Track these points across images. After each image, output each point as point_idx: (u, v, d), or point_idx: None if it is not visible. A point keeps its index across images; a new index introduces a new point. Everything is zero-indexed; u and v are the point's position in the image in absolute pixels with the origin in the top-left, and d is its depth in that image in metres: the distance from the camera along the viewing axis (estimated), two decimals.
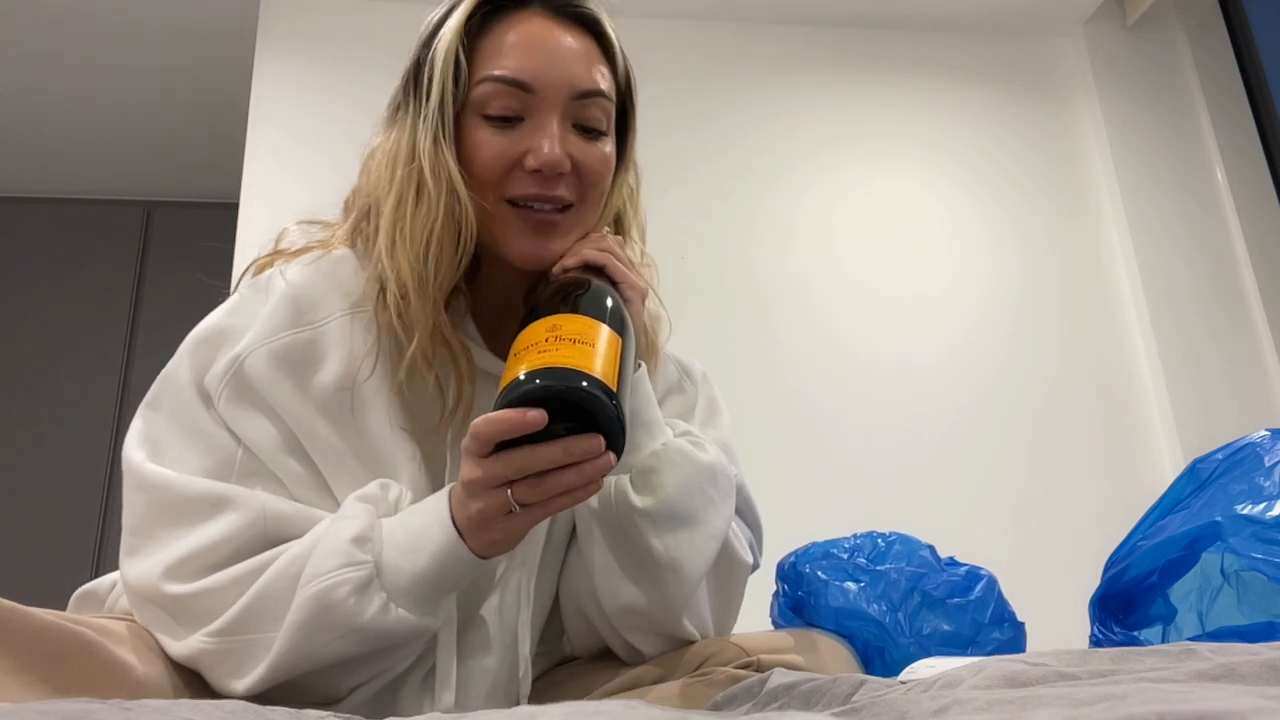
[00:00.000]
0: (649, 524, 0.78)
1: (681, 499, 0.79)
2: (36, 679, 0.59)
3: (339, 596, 0.68)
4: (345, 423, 0.78)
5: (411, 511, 0.74)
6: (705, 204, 2.53)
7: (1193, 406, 2.43)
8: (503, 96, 0.80)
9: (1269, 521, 0.82)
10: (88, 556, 2.96)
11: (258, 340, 0.78)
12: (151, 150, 3.35)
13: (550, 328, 0.68)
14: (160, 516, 0.74)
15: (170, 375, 0.81)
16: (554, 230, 0.81)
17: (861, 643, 1.07)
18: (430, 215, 0.78)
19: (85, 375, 3.22)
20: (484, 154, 0.80)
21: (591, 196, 0.84)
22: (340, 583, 0.68)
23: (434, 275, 0.78)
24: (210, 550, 0.72)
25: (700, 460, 0.81)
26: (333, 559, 0.69)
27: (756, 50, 2.77)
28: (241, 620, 0.70)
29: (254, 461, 0.77)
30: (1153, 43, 2.80)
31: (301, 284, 0.82)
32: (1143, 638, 0.91)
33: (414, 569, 0.70)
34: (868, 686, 0.57)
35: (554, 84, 0.80)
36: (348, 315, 0.81)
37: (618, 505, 0.79)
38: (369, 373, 0.79)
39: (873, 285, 2.57)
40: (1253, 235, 2.57)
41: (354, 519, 0.72)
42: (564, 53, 0.81)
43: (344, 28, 2.61)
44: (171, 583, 0.71)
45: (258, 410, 0.77)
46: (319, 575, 0.69)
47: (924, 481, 2.36)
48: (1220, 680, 0.42)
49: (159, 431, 0.78)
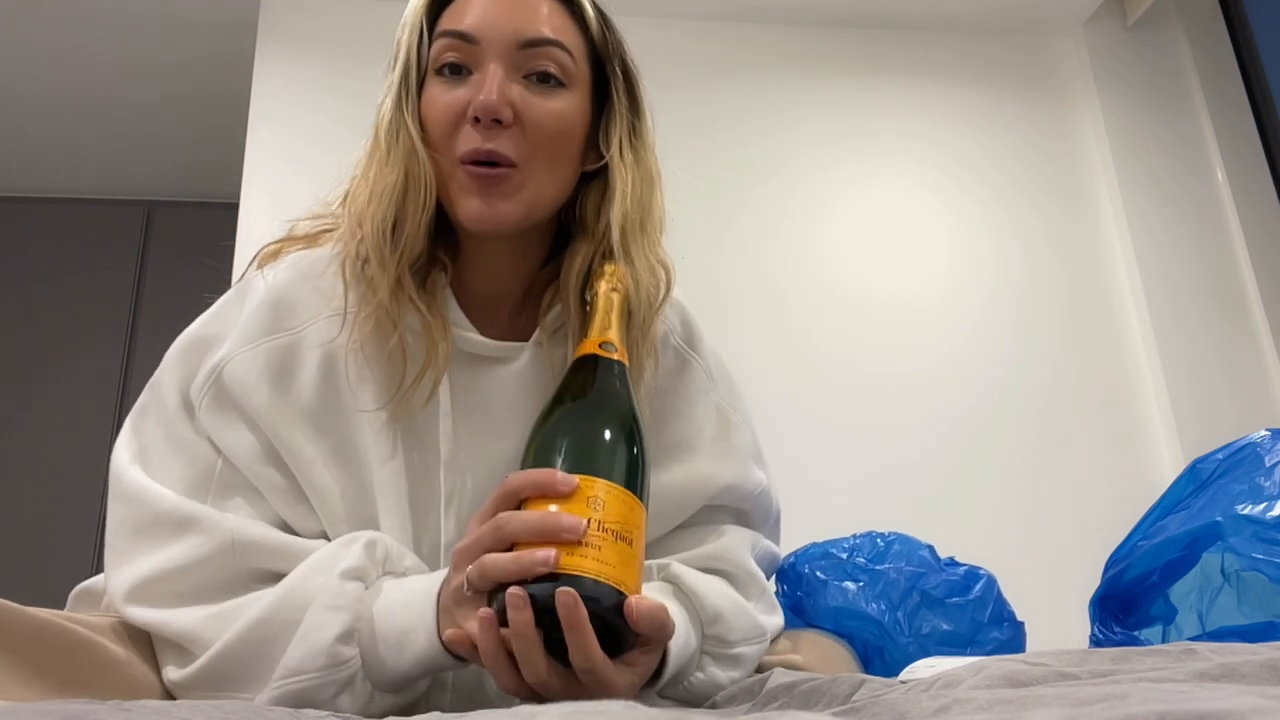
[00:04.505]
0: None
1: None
2: (33, 676, 0.59)
3: (322, 698, 0.66)
4: (324, 426, 0.77)
5: (399, 605, 0.69)
6: (706, 205, 2.53)
7: (1193, 406, 2.43)
8: (450, 50, 0.80)
9: (1269, 521, 0.82)
10: (88, 556, 2.96)
11: (236, 348, 0.78)
12: (152, 150, 3.35)
13: (593, 501, 0.62)
14: (131, 531, 0.74)
15: (156, 384, 0.81)
16: (497, 188, 0.78)
17: (861, 642, 1.07)
18: (392, 176, 0.77)
19: (85, 375, 3.22)
20: (434, 109, 0.79)
21: (540, 154, 0.79)
22: (324, 684, 0.66)
23: (394, 232, 0.77)
24: (176, 575, 0.71)
25: (720, 681, 0.77)
26: (316, 659, 0.65)
27: (755, 50, 2.77)
28: (212, 673, 0.68)
29: (233, 473, 0.76)
30: (1153, 43, 2.80)
31: (281, 287, 0.81)
32: (1143, 638, 0.91)
33: (398, 669, 0.67)
34: (867, 686, 0.57)
35: (497, 32, 0.79)
36: (327, 319, 0.80)
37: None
38: (336, 332, 0.78)
39: (871, 285, 2.57)
40: (1253, 235, 2.57)
41: (339, 610, 0.67)
42: (513, 5, 0.80)
43: (345, 24, 2.61)
44: (135, 606, 0.71)
45: (236, 419, 0.77)
46: (300, 673, 0.65)
47: (924, 481, 2.36)
48: (1220, 680, 0.42)
49: (145, 439, 0.78)
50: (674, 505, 0.85)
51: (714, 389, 0.92)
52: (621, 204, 0.82)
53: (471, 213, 0.78)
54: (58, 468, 3.09)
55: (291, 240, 0.88)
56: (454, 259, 0.84)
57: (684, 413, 0.88)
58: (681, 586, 0.77)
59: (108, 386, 3.21)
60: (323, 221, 0.90)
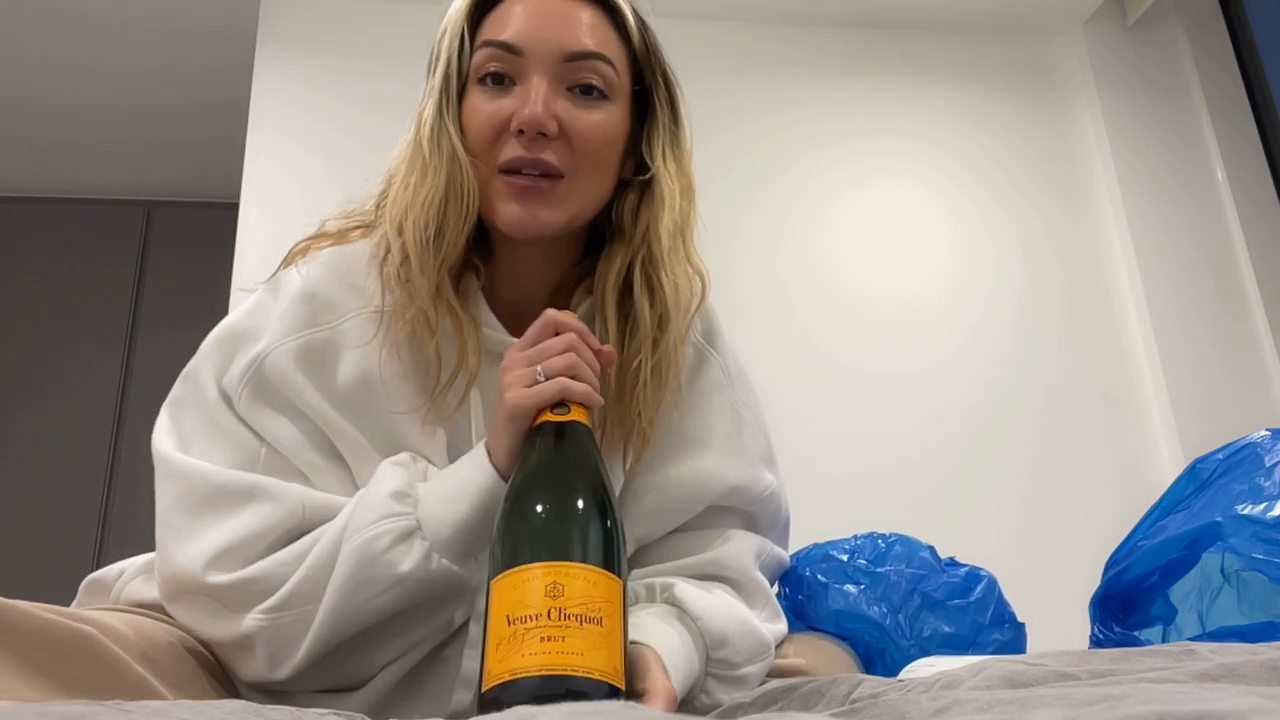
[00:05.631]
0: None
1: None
2: (36, 675, 0.59)
3: (381, 547, 0.69)
4: (367, 417, 0.79)
5: (448, 469, 0.75)
6: (706, 205, 2.52)
7: (1193, 406, 2.43)
8: (494, 60, 0.80)
9: (1269, 521, 0.82)
10: (88, 556, 2.96)
11: (276, 340, 0.79)
12: (152, 150, 3.35)
13: (552, 588, 0.59)
14: (194, 504, 0.75)
15: (192, 374, 0.82)
16: (540, 198, 0.79)
17: (862, 645, 1.07)
18: (434, 182, 0.78)
19: (85, 375, 3.22)
20: (476, 119, 0.80)
21: (585, 166, 0.80)
22: (382, 533, 0.70)
23: (435, 238, 0.78)
24: (252, 541, 0.73)
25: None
26: (373, 512, 0.71)
27: (755, 50, 2.77)
28: (294, 595, 0.71)
29: (278, 458, 0.78)
30: (1153, 43, 2.79)
31: (317, 282, 0.83)
32: (1143, 638, 0.91)
33: (455, 516, 0.71)
34: (866, 686, 0.57)
35: (542, 45, 0.79)
36: (364, 318, 0.81)
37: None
38: (373, 332, 0.80)
39: (872, 285, 2.57)
40: (1253, 235, 2.57)
41: (391, 477, 0.73)
42: (557, 17, 0.81)
43: (345, 27, 2.61)
44: (216, 573, 0.72)
45: (279, 409, 0.79)
46: (361, 528, 0.70)
47: (924, 482, 2.36)
48: (1220, 680, 0.42)
49: (184, 427, 0.80)
50: (680, 501, 0.85)
51: (730, 386, 0.93)
52: (670, 213, 0.84)
53: (512, 219, 0.79)
54: (58, 467, 3.09)
55: (321, 237, 0.89)
56: (486, 262, 0.85)
57: (699, 406, 0.89)
58: (686, 610, 0.76)
59: (108, 386, 3.20)
60: (353, 219, 0.90)
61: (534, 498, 0.64)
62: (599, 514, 0.64)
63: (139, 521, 0.83)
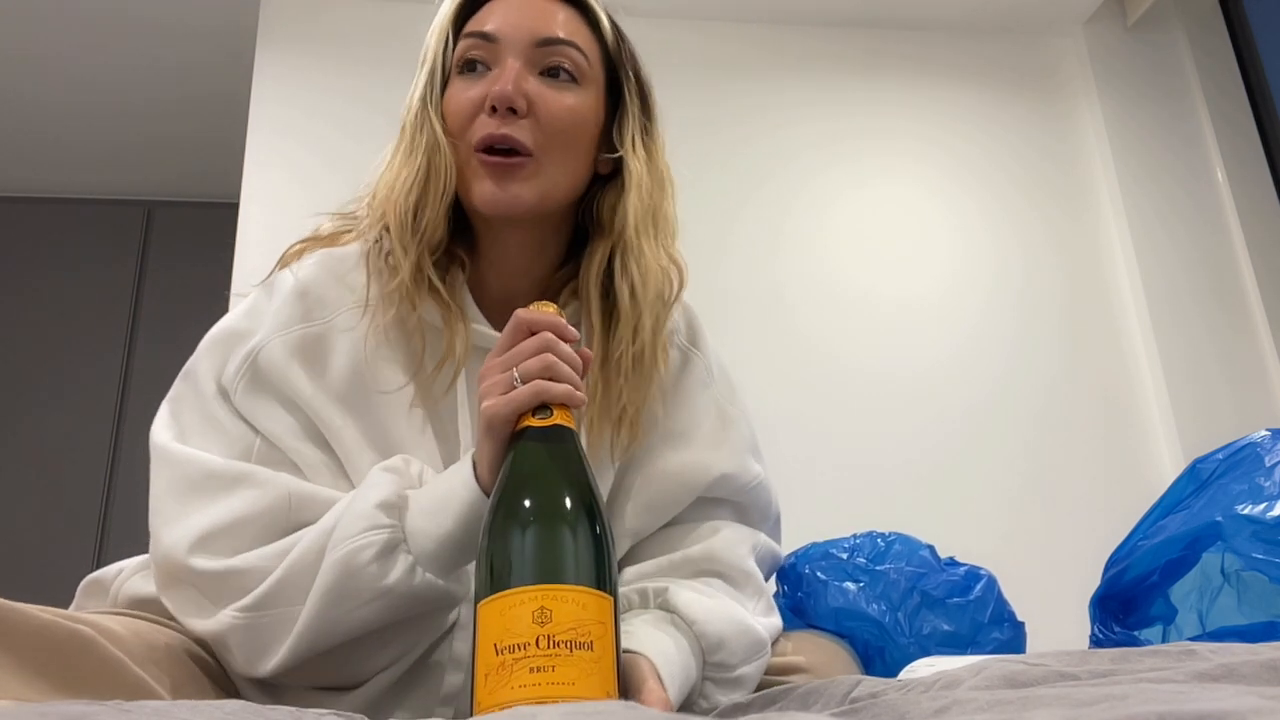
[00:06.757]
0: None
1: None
2: (36, 675, 0.59)
3: (364, 560, 0.69)
4: (358, 411, 0.80)
5: (436, 479, 0.75)
6: (706, 205, 2.53)
7: (1193, 406, 2.43)
8: (473, 49, 0.85)
9: (1269, 521, 0.82)
10: (88, 556, 2.96)
11: (270, 334, 0.81)
12: (152, 150, 3.35)
13: (539, 614, 0.56)
14: (183, 488, 0.76)
15: (191, 372, 0.84)
16: (510, 175, 0.82)
17: (861, 643, 1.07)
18: (416, 165, 0.82)
19: (85, 375, 3.22)
20: (454, 103, 0.84)
21: (554, 145, 0.83)
22: (366, 545, 0.69)
23: (414, 216, 0.81)
24: (237, 525, 0.73)
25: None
26: (359, 523, 0.70)
27: (755, 50, 2.77)
28: (272, 595, 0.71)
29: (272, 450, 0.79)
30: (1153, 43, 2.79)
31: (309, 280, 0.85)
32: (1143, 638, 0.91)
33: (440, 531, 0.70)
34: (866, 686, 0.57)
35: (515, 31, 0.84)
36: (352, 310, 0.83)
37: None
38: (361, 321, 0.82)
39: (872, 285, 2.57)
40: (1253, 235, 2.57)
41: (380, 486, 0.73)
42: (533, 10, 0.86)
43: (345, 26, 2.61)
44: (200, 557, 0.73)
45: (274, 401, 0.80)
46: (345, 539, 0.70)
47: (924, 481, 2.36)
48: (1220, 680, 0.42)
49: (183, 421, 0.81)
50: (670, 495, 0.86)
51: (713, 384, 0.94)
52: (636, 196, 0.86)
53: (486, 196, 0.82)
54: (58, 467, 3.09)
55: (315, 240, 0.92)
56: (471, 256, 0.87)
57: (684, 403, 0.91)
58: (681, 615, 0.76)
59: (108, 386, 3.20)
60: (345, 222, 0.93)
61: (517, 515, 0.61)
62: (585, 527, 0.61)
63: (139, 522, 0.83)
